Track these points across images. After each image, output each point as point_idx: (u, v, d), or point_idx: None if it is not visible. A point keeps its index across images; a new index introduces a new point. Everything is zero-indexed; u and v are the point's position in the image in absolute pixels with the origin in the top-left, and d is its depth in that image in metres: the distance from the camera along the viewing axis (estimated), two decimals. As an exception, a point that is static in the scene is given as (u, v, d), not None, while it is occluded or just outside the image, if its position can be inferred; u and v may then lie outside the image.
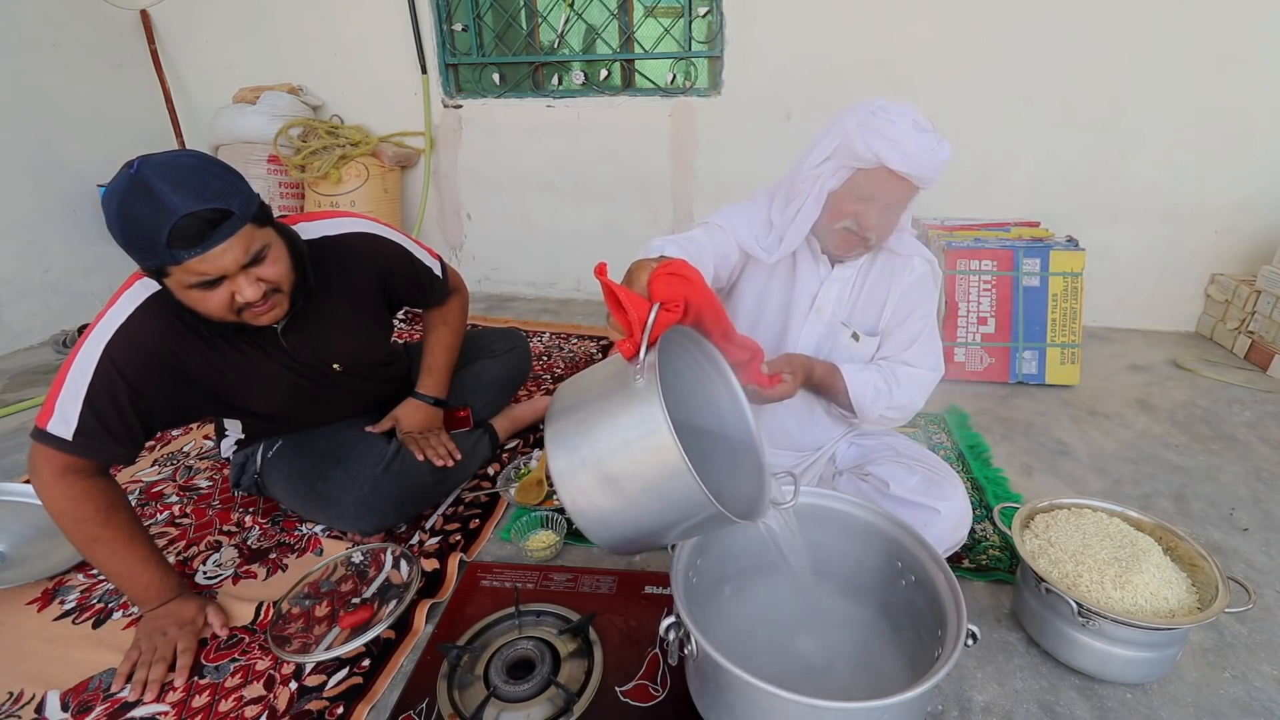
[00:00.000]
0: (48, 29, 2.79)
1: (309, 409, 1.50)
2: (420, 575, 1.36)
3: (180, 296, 1.12)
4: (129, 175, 1.03)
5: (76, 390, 1.12)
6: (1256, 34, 2.38)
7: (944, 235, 2.53)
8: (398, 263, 1.49)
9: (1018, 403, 2.23)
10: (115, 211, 1.02)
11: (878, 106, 1.17)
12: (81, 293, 2.98)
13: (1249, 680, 1.17)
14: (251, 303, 1.13)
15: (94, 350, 1.13)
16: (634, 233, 3.14)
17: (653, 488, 0.84)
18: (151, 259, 1.04)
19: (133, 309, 1.16)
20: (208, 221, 1.03)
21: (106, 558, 1.18)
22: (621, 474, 0.85)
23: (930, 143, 1.14)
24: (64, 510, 1.14)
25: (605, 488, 0.86)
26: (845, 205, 1.23)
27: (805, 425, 1.50)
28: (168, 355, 1.19)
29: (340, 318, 1.39)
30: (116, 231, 1.03)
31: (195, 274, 1.06)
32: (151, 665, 1.15)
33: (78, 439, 1.12)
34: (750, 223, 1.35)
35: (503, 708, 1.06)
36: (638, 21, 2.90)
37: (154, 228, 1.00)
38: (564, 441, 0.88)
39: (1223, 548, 1.51)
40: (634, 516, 0.87)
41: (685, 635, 0.90)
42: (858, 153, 1.16)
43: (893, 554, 1.11)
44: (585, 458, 0.86)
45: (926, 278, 1.37)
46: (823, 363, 1.38)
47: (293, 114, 3.03)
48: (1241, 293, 2.56)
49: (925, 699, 0.87)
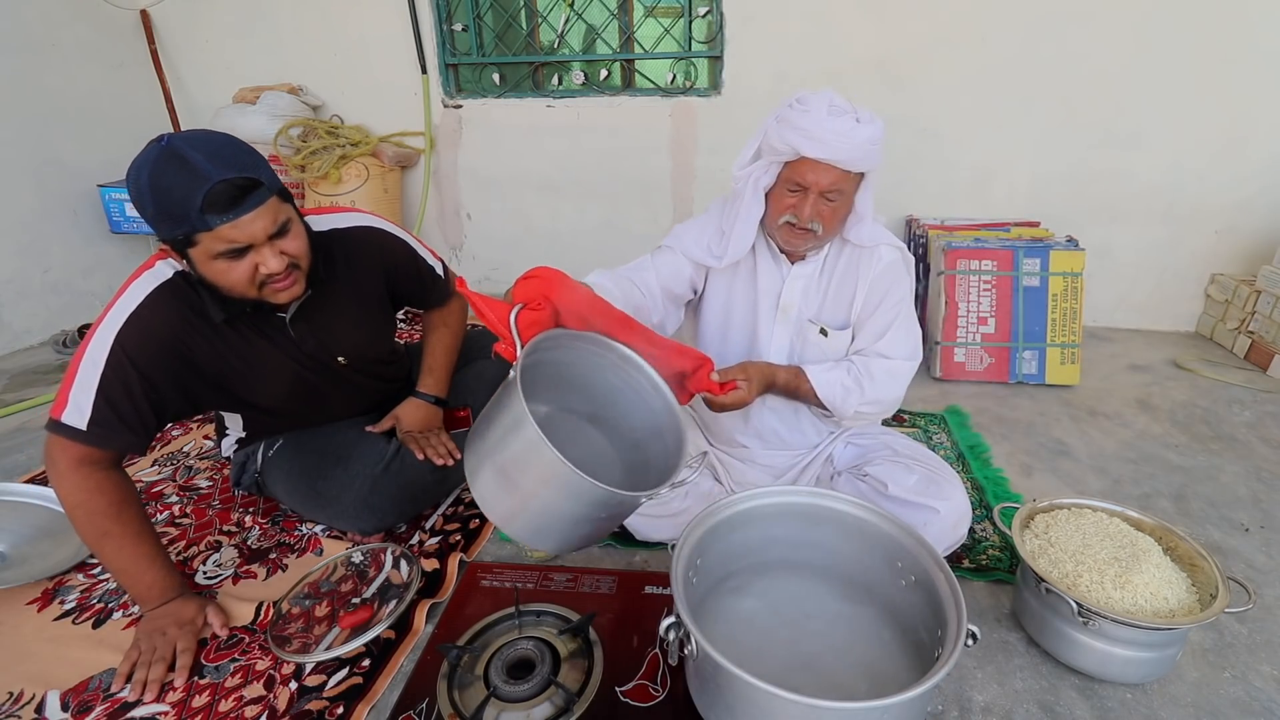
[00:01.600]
0: (48, 29, 2.79)
1: (311, 404, 1.50)
2: (420, 575, 1.36)
3: (203, 270, 1.13)
4: (159, 147, 1.05)
5: (89, 380, 1.13)
6: (1256, 34, 2.38)
7: (944, 235, 2.53)
8: (403, 259, 1.51)
9: (1018, 403, 2.23)
10: (146, 181, 1.05)
11: (795, 100, 1.20)
12: (81, 293, 2.98)
13: (1249, 680, 1.17)
14: (275, 274, 1.16)
15: (105, 340, 1.14)
16: (634, 232, 3.14)
17: (529, 470, 0.92)
18: (182, 226, 1.06)
19: (142, 298, 1.17)
20: (240, 189, 1.06)
21: (114, 553, 1.18)
22: (507, 462, 0.94)
23: (845, 125, 1.14)
24: (79, 502, 1.15)
25: (500, 480, 0.96)
26: (782, 200, 1.26)
27: (791, 426, 1.51)
28: (177, 343, 1.20)
29: (346, 309, 1.41)
30: (147, 201, 1.06)
31: (225, 241, 1.08)
32: (151, 665, 1.15)
33: (92, 428, 1.13)
34: (700, 234, 1.40)
35: (503, 708, 1.06)
36: (638, 21, 2.90)
37: (188, 194, 1.03)
38: (469, 445, 1.00)
39: (1223, 548, 1.51)
40: (529, 504, 0.96)
41: (685, 635, 0.90)
42: (777, 148, 1.20)
43: (892, 554, 1.11)
44: (481, 455, 0.97)
45: (896, 265, 1.35)
46: (786, 367, 1.37)
47: (293, 114, 3.03)
48: (1241, 293, 2.56)
49: (925, 699, 0.87)
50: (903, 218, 2.87)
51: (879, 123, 1.18)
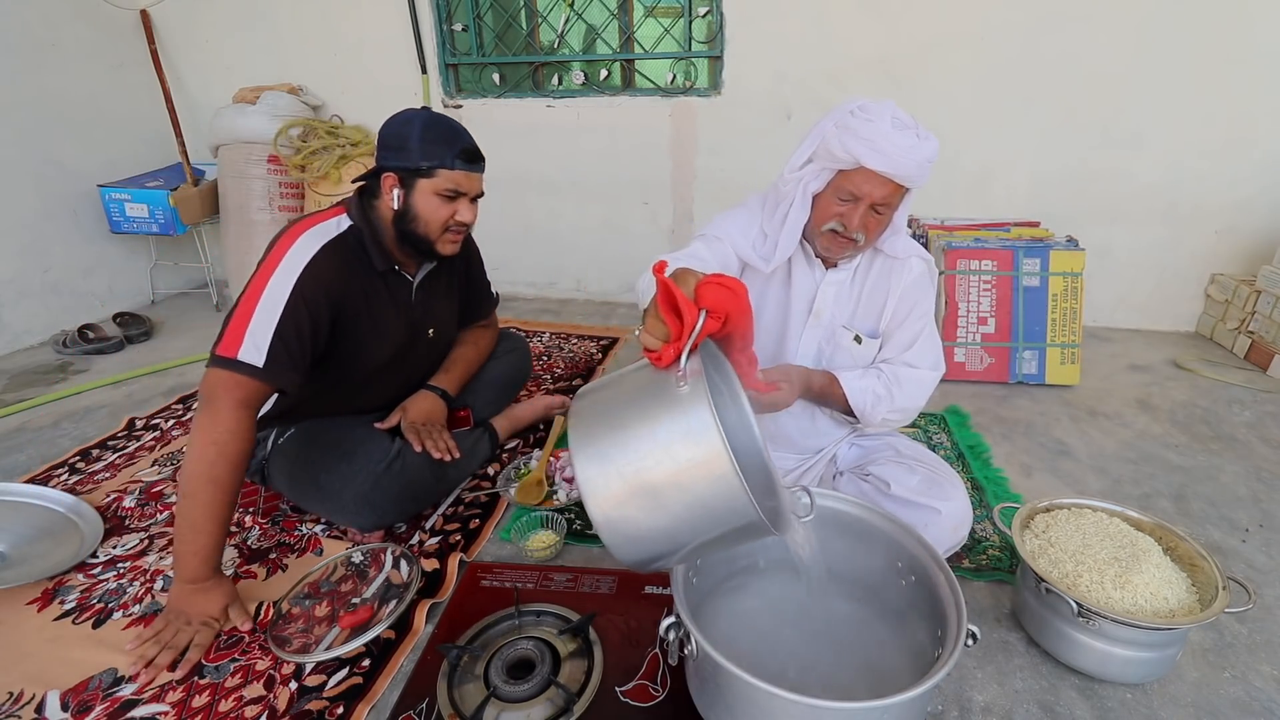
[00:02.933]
0: (48, 29, 2.79)
1: (389, 375, 1.60)
2: (420, 575, 1.36)
3: (418, 201, 1.37)
4: (428, 108, 1.41)
5: (268, 321, 1.25)
6: (1256, 34, 2.38)
7: (944, 235, 2.53)
8: (477, 263, 1.80)
9: (1018, 403, 2.23)
10: (424, 121, 1.35)
11: (857, 107, 1.17)
12: (81, 293, 2.98)
13: (1249, 680, 1.17)
14: (465, 225, 1.43)
15: (284, 285, 1.28)
16: (634, 232, 3.14)
17: (697, 499, 0.79)
18: (434, 160, 1.34)
19: (317, 249, 1.33)
20: (478, 154, 1.41)
21: (205, 504, 1.21)
22: (663, 484, 0.79)
23: (909, 141, 1.13)
24: (221, 442, 1.21)
25: (642, 499, 0.80)
26: (830, 207, 1.23)
27: (807, 430, 1.51)
28: (338, 293, 1.36)
29: (445, 291, 1.67)
30: (416, 134, 1.33)
31: (454, 183, 1.37)
32: (163, 649, 1.17)
33: (269, 366, 1.24)
34: (746, 231, 1.36)
35: (503, 708, 1.06)
36: (638, 21, 2.90)
37: (454, 138, 1.36)
38: (595, 450, 0.82)
39: (1223, 548, 1.51)
40: (669, 529, 0.82)
41: (685, 635, 0.90)
42: (836, 155, 1.17)
43: (893, 554, 1.11)
44: (621, 468, 0.80)
45: (924, 277, 1.37)
46: (820, 372, 1.37)
47: (293, 114, 3.03)
48: (1241, 293, 2.56)
49: (925, 699, 0.87)
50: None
51: (935, 141, 1.17)
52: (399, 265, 1.48)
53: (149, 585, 1.39)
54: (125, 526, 1.59)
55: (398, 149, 1.34)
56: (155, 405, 2.23)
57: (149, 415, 2.14)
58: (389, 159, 1.36)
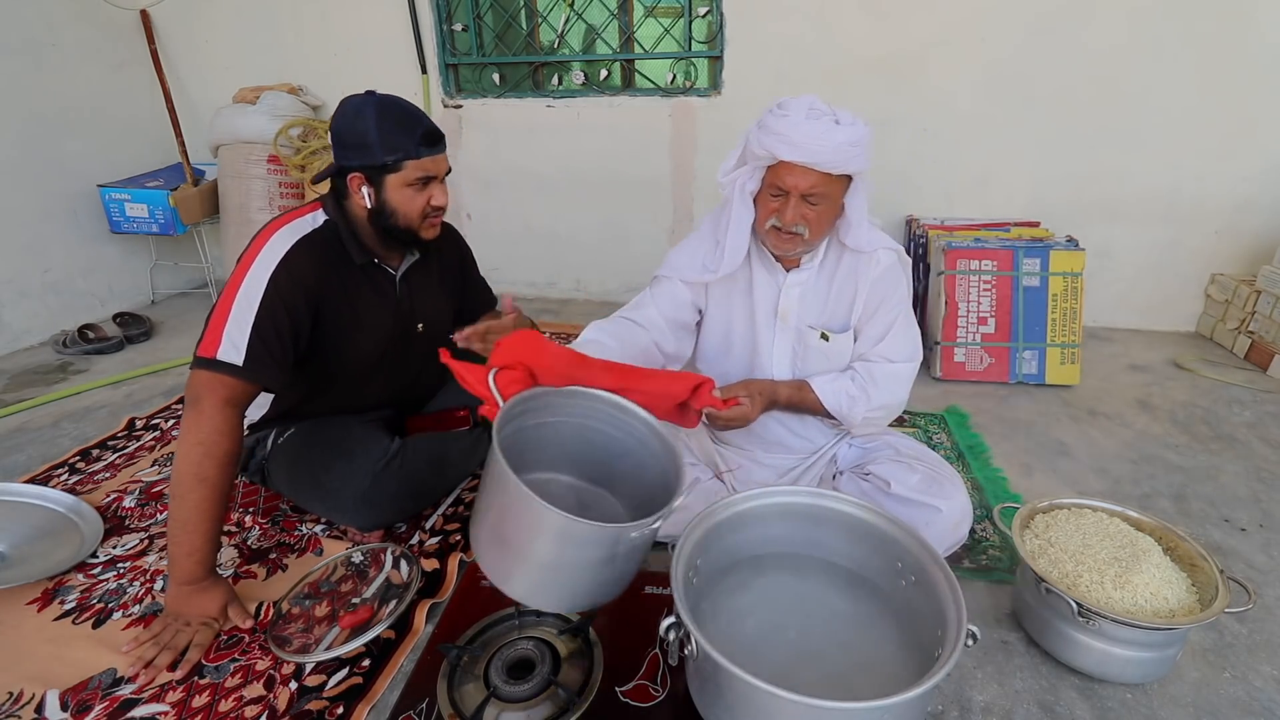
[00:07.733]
0: (48, 29, 2.79)
1: (381, 372, 1.57)
2: (420, 575, 1.36)
3: (392, 196, 1.33)
4: (374, 95, 1.32)
5: (244, 319, 1.23)
6: (1256, 34, 2.38)
7: (944, 235, 2.53)
8: (471, 260, 1.77)
9: (1018, 403, 2.23)
10: (375, 110, 1.28)
11: (777, 104, 1.22)
12: (81, 293, 2.98)
13: (1249, 680, 1.17)
14: (441, 208, 1.39)
15: (259, 281, 1.25)
16: (634, 232, 3.14)
17: (517, 522, 0.94)
18: (397, 154, 1.29)
19: (292, 244, 1.31)
20: (438, 134, 1.35)
21: (195, 503, 1.20)
22: (499, 522, 0.96)
23: (821, 128, 1.15)
24: (209, 442, 1.20)
25: (495, 540, 0.98)
26: (767, 204, 1.27)
27: (797, 433, 1.52)
28: (316, 288, 1.34)
29: (434, 283, 1.62)
30: (371, 129, 1.27)
31: (423, 170, 1.32)
32: (162, 650, 1.17)
33: (248, 364, 1.23)
34: (694, 253, 1.41)
35: (503, 708, 1.06)
36: (638, 21, 2.90)
37: (412, 123, 1.30)
38: (473, 517, 1.03)
39: (1223, 548, 1.51)
40: (523, 558, 0.97)
41: (685, 635, 0.90)
42: (756, 153, 1.21)
43: (893, 554, 1.11)
44: (479, 522, 1.01)
45: (894, 268, 1.37)
46: (788, 382, 1.39)
47: (293, 114, 3.03)
48: (1241, 293, 2.56)
49: (925, 699, 0.87)
50: (903, 218, 2.86)
51: (861, 125, 1.17)
52: (379, 258, 1.45)
53: (149, 585, 1.39)
54: (125, 526, 1.59)
55: (358, 146, 1.29)
56: (155, 405, 2.23)
57: (149, 415, 2.14)
58: (350, 158, 1.31)
